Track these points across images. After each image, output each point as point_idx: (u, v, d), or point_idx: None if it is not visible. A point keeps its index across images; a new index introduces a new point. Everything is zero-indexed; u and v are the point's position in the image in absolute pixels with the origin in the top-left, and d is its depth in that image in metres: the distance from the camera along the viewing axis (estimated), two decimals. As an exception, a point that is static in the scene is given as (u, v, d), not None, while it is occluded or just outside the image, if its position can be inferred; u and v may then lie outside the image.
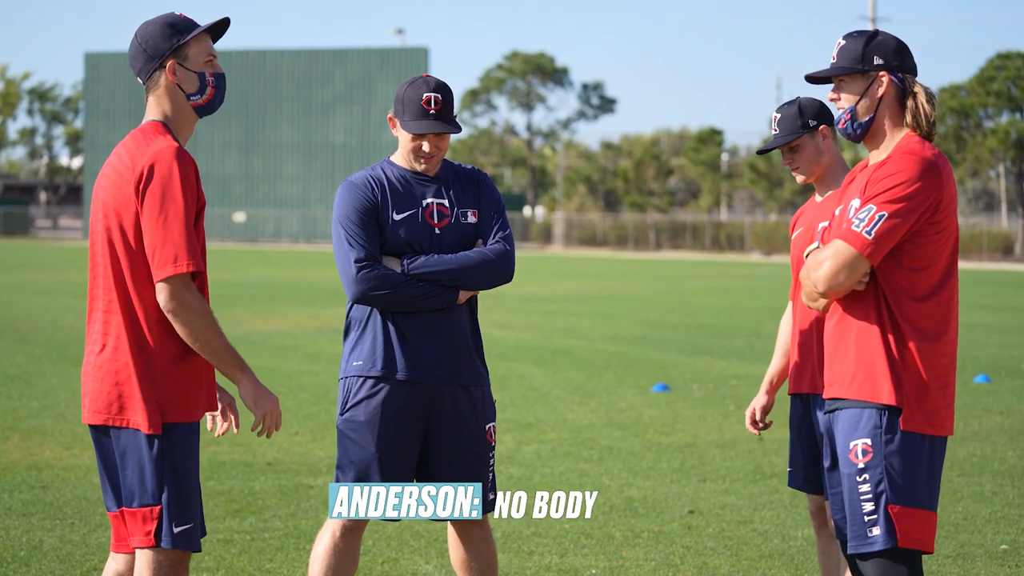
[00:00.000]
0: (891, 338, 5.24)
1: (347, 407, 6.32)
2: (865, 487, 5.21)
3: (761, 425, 7.06)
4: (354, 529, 6.31)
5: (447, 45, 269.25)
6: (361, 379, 6.29)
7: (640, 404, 15.90)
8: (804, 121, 6.73)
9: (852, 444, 5.25)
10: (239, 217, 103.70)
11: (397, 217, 6.29)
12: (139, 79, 5.56)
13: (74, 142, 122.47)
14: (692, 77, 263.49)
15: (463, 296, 6.32)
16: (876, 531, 5.19)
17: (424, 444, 6.34)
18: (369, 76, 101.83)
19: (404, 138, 6.37)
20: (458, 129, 6.34)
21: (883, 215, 5.15)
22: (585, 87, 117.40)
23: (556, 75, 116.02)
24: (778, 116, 6.80)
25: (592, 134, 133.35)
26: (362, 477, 6.25)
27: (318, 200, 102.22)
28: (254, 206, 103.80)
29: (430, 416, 6.31)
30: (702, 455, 12.53)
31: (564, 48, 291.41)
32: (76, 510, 9.88)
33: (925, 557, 8.74)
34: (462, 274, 6.27)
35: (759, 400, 7.04)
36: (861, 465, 5.21)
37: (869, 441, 5.21)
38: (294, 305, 32.20)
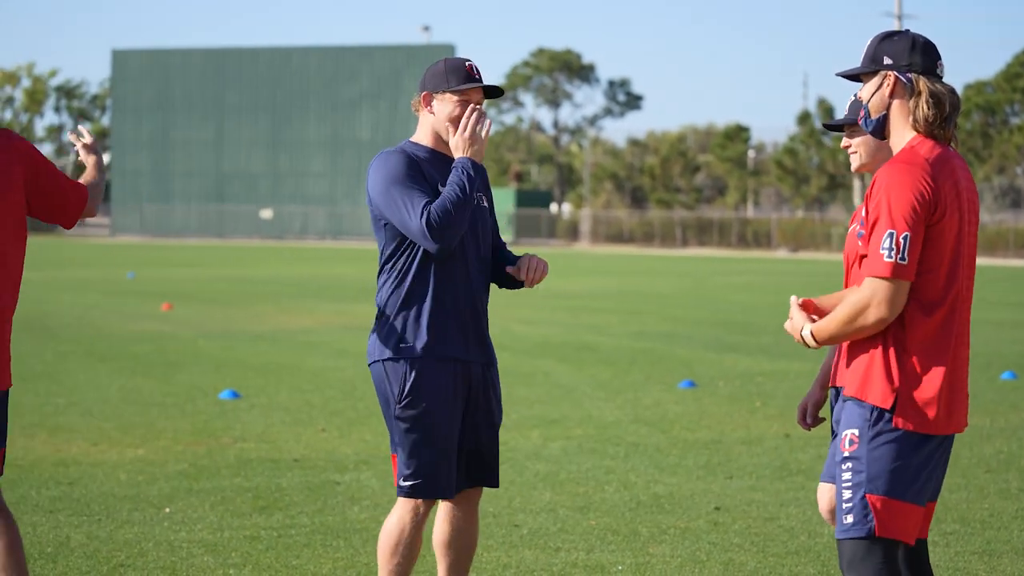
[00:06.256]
0: (891, 338, 5.28)
1: (404, 393, 6.35)
2: (847, 475, 5.30)
3: (810, 421, 6.91)
4: (429, 506, 6.41)
5: (473, 42, 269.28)
6: (408, 361, 6.34)
7: (666, 400, 15.89)
8: None
9: (844, 434, 5.35)
10: (266, 214, 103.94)
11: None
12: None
13: (101, 139, 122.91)
14: (719, 74, 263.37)
15: None
16: (851, 519, 5.28)
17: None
18: (396, 73, 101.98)
19: (444, 110, 6.39)
20: (501, 92, 6.54)
21: (906, 235, 5.19)
22: (611, 84, 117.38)
23: (583, 72, 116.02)
24: (855, 98, 6.78)
25: (619, 131, 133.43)
26: (423, 456, 6.32)
27: (344, 197, 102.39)
28: (281, 203, 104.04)
29: (469, 393, 6.45)
30: (728, 452, 12.51)
31: (590, 45, 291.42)
32: (103, 506, 9.91)
33: (953, 554, 8.73)
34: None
35: (811, 395, 6.92)
36: (847, 454, 5.31)
37: (856, 432, 5.30)
38: (320, 302, 32.24)
